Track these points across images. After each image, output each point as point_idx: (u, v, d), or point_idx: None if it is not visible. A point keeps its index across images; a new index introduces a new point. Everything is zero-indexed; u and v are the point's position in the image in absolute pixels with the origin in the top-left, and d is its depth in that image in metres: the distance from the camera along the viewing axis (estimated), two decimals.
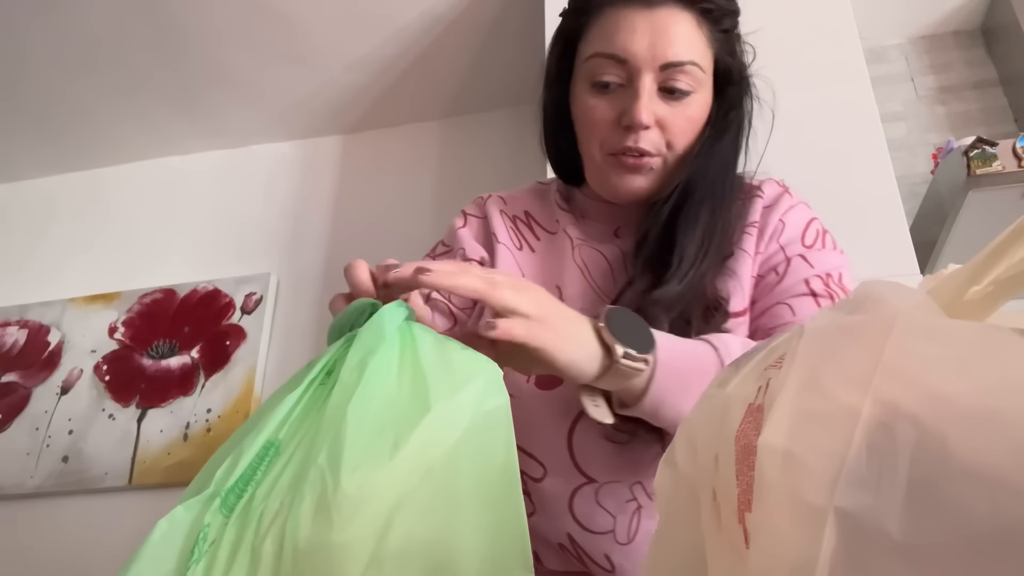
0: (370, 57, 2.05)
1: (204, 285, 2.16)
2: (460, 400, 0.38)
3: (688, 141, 0.71)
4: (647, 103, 0.67)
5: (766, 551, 0.23)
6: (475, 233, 0.80)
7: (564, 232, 0.77)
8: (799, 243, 0.71)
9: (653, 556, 0.35)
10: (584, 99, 0.71)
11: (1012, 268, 0.25)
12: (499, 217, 0.80)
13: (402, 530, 0.35)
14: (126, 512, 1.91)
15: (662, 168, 0.71)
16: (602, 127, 0.70)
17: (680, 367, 0.54)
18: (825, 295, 0.66)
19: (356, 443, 0.36)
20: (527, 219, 0.81)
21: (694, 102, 0.70)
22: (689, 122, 0.70)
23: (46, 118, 2.21)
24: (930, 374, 0.21)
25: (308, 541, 0.34)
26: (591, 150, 0.72)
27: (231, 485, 0.37)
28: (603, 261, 0.75)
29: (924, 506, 0.19)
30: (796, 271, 0.68)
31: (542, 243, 0.78)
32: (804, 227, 0.73)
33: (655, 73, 0.68)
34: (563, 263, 0.75)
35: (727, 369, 0.34)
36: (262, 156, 2.39)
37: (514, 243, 0.78)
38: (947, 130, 2.02)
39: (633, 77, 0.68)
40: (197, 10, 1.84)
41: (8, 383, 2.15)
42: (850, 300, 0.28)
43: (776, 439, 0.23)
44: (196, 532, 0.36)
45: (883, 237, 1.36)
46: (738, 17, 0.77)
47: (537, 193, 0.85)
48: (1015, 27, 1.96)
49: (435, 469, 0.36)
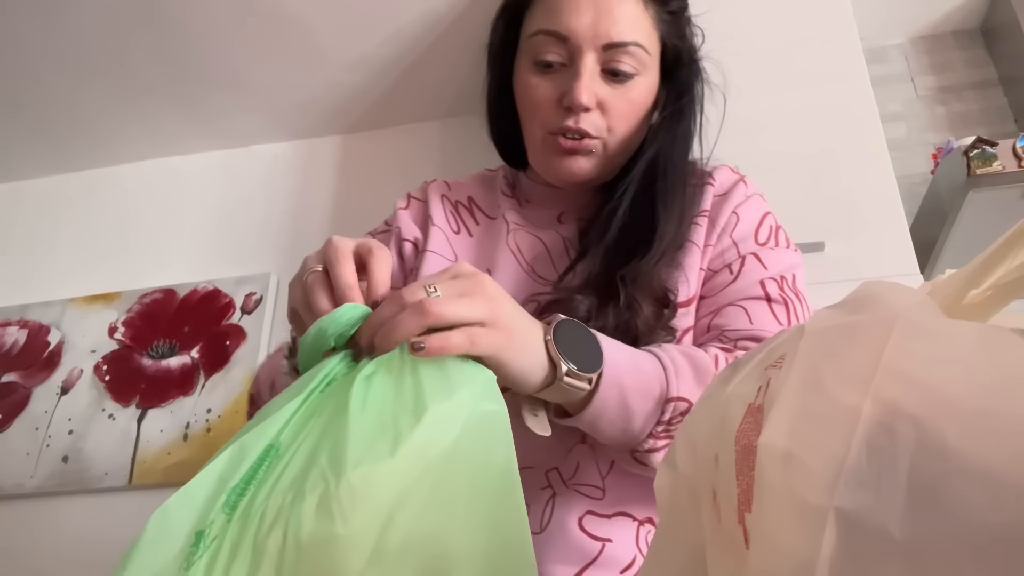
0: (370, 57, 2.05)
1: (204, 285, 2.16)
2: (456, 401, 0.39)
3: (630, 125, 0.70)
4: (588, 83, 0.66)
5: (766, 551, 0.23)
6: (414, 215, 0.80)
7: (503, 217, 0.77)
8: (752, 240, 0.69)
9: (653, 556, 0.35)
10: (526, 78, 0.70)
11: (1011, 273, 0.25)
12: (439, 201, 0.80)
13: (402, 526, 0.35)
14: (126, 512, 1.91)
15: (603, 151, 0.70)
16: (543, 107, 0.69)
17: (625, 385, 0.52)
18: (780, 300, 0.64)
19: (357, 441, 0.37)
20: (469, 204, 0.81)
21: (637, 85, 0.69)
22: (631, 105, 0.69)
23: (46, 118, 2.21)
24: (930, 374, 0.21)
25: (311, 535, 0.34)
26: (532, 130, 0.71)
27: (234, 485, 0.38)
28: (540, 246, 0.74)
29: (924, 506, 0.19)
30: (750, 271, 0.66)
31: (480, 228, 0.78)
32: (758, 222, 0.71)
33: (597, 53, 0.67)
34: (496, 247, 0.74)
35: (727, 369, 0.34)
36: (262, 156, 2.39)
37: (451, 227, 0.78)
38: (947, 130, 2.02)
39: (575, 56, 0.67)
40: (197, 10, 1.84)
41: (8, 383, 2.15)
42: (850, 300, 0.28)
43: (776, 439, 0.23)
44: (196, 529, 0.37)
45: (883, 237, 1.36)
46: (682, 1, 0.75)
47: (483, 180, 0.85)
48: (1015, 27, 1.96)
49: (433, 467, 0.37)
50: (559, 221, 0.76)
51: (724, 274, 0.67)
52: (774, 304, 0.64)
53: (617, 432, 0.54)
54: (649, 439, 0.54)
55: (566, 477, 0.61)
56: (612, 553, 0.59)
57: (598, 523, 0.60)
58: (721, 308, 0.65)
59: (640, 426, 0.53)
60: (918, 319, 0.23)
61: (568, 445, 0.62)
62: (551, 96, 0.68)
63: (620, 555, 0.59)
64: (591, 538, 0.59)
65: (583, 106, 0.66)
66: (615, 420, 0.53)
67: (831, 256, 1.35)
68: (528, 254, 0.73)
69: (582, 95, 0.66)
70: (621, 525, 0.60)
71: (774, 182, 1.45)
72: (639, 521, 0.61)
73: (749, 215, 0.71)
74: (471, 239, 0.77)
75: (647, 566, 0.35)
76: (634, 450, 0.55)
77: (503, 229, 0.76)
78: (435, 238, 0.76)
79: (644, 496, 0.61)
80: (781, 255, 0.69)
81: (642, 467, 0.56)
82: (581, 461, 0.61)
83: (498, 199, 0.80)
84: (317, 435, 0.39)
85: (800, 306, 0.66)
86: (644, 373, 0.54)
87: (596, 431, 0.54)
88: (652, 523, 0.61)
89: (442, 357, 0.43)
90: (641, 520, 0.61)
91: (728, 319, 0.64)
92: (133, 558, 0.36)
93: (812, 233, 1.36)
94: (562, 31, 0.67)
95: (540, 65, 0.69)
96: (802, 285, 0.68)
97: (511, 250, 0.73)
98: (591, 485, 0.61)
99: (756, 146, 1.48)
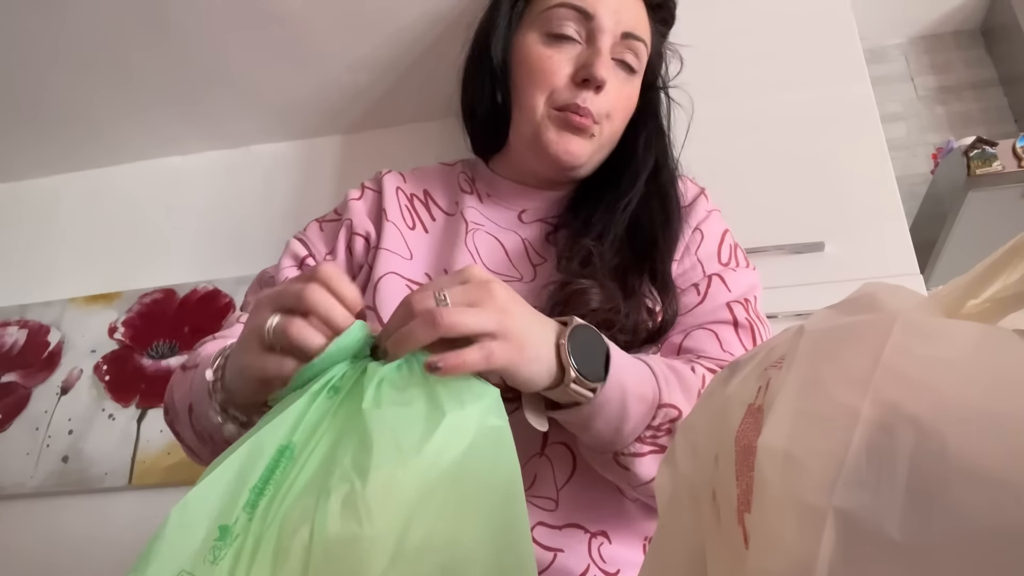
0: (370, 57, 2.05)
1: (204, 285, 2.16)
2: (468, 412, 0.41)
3: (623, 119, 0.70)
4: (608, 63, 0.66)
5: (765, 551, 0.23)
6: (367, 206, 0.77)
7: (461, 215, 0.75)
8: (716, 260, 0.70)
9: (653, 556, 0.35)
10: (536, 47, 0.69)
11: (1006, 289, 0.25)
12: (394, 194, 0.77)
13: (420, 528, 0.37)
14: (126, 512, 1.91)
15: (598, 139, 0.70)
16: (555, 79, 0.68)
17: (626, 386, 0.52)
18: (746, 324, 0.65)
19: (380, 443, 0.38)
20: (425, 198, 0.78)
21: (634, 82, 0.70)
22: (628, 101, 0.70)
23: (46, 118, 2.21)
24: (930, 375, 0.21)
25: (337, 535, 0.35)
26: (534, 104, 0.70)
27: (253, 485, 0.39)
28: (500, 250, 0.72)
29: (923, 506, 0.19)
30: (716, 293, 0.67)
31: (438, 224, 0.76)
32: (720, 241, 0.71)
33: (616, 39, 0.67)
34: (454, 247, 0.72)
35: (726, 369, 0.34)
36: (262, 156, 2.39)
37: (406, 222, 0.75)
38: (947, 130, 2.02)
39: (594, 36, 0.67)
40: (197, 10, 1.84)
41: (8, 383, 2.15)
42: (850, 301, 0.28)
43: (776, 440, 0.23)
44: (220, 523, 0.38)
45: (883, 237, 1.36)
46: (672, 25, 0.78)
47: (440, 172, 0.82)
48: (1015, 27, 1.96)
49: (448, 473, 0.38)
50: (520, 220, 0.74)
51: (691, 294, 0.67)
52: (740, 329, 0.65)
53: (609, 432, 0.53)
54: (636, 443, 0.54)
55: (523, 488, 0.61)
56: (564, 563, 0.58)
57: (549, 534, 0.59)
58: (690, 330, 0.66)
59: (631, 428, 0.53)
60: (917, 320, 0.23)
61: (525, 458, 0.61)
62: (565, 69, 0.68)
63: (572, 565, 0.58)
64: (542, 548, 0.58)
65: (603, 80, 0.66)
66: (611, 419, 0.53)
67: (831, 256, 1.35)
68: (487, 256, 0.71)
69: (604, 70, 0.65)
70: (572, 536, 0.60)
71: (774, 182, 1.45)
72: (591, 533, 0.60)
73: (712, 232, 0.71)
74: (427, 236, 0.74)
75: (647, 566, 0.35)
76: (618, 453, 0.55)
77: (462, 228, 0.73)
78: (389, 234, 0.72)
79: (597, 509, 0.61)
80: (743, 276, 0.69)
81: (622, 471, 0.56)
82: (539, 473, 0.61)
83: (456, 194, 0.78)
84: (334, 437, 0.40)
85: (763, 330, 0.67)
86: (641, 377, 0.54)
87: (587, 429, 0.54)
88: (605, 536, 0.61)
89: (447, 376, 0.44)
90: (594, 532, 0.60)
91: (699, 343, 0.65)
92: (156, 550, 0.37)
93: (812, 233, 1.36)
94: (589, 8, 0.67)
95: (554, 37, 0.68)
96: (761, 308, 0.69)
97: (469, 251, 0.71)
98: (545, 497, 0.60)
99: (756, 146, 1.48)
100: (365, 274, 0.71)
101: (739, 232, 0.76)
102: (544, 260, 0.71)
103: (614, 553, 0.60)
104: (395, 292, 0.67)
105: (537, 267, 0.71)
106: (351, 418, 0.40)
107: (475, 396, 0.42)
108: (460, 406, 0.41)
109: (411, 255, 0.72)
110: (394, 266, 0.69)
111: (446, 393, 0.42)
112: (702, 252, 0.69)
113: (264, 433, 0.41)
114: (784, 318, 1.28)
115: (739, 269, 0.70)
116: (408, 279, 0.69)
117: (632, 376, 0.53)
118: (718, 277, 0.68)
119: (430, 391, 0.42)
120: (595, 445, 0.56)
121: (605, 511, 0.61)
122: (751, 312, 0.67)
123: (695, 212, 0.72)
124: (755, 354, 0.32)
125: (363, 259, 0.72)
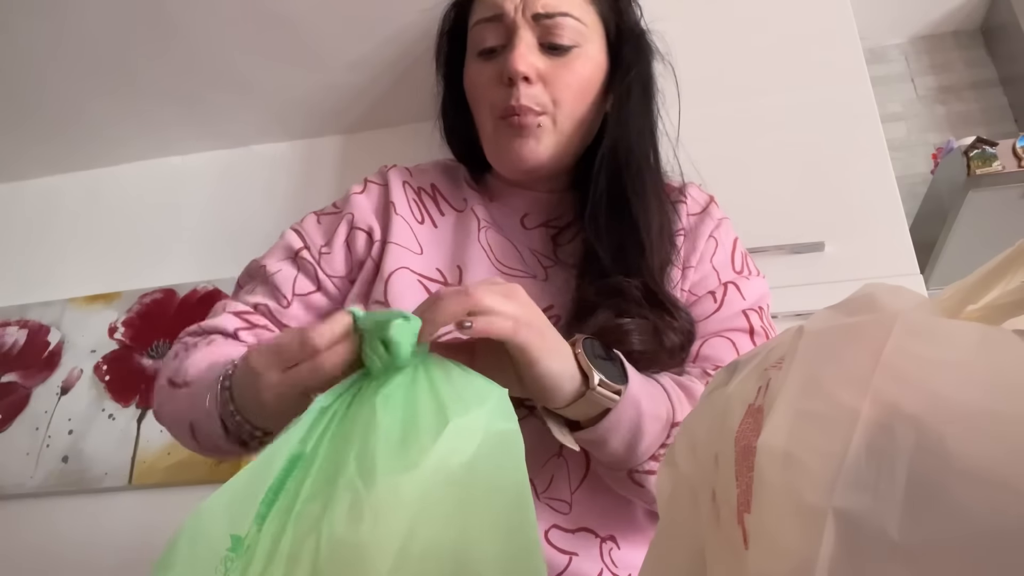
0: (370, 57, 2.04)
1: (204, 285, 2.16)
2: (474, 417, 0.41)
3: (576, 99, 0.68)
4: (524, 53, 0.66)
5: (765, 552, 0.23)
6: (372, 201, 0.75)
7: (472, 211, 0.74)
8: (730, 268, 0.70)
9: (653, 556, 0.35)
10: (471, 69, 0.71)
11: (1006, 296, 0.25)
12: (401, 187, 0.76)
13: (425, 534, 0.37)
14: (126, 512, 1.91)
15: (552, 128, 0.68)
16: (488, 89, 0.69)
17: (642, 404, 0.53)
18: (761, 332, 0.66)
19: (384, 452, 0.39)
20: (433, 192, 0.77)
21: (579, 56, 0.68)
22: (575, 77, 0.68)
23: (46, 118, 2.21)
24: (929, 375, 0.21)
25: (342, 540, 0.36)
26: (484, 122, 0.70)
27: (263, 497, 0.39)
28: (511, 248, 0.72)
29: (923, 507, 0.19)
30: (732, 301, 0.67)
31: (447, 219, 0.75)
32: (732, 249, 0.72)
33: (530, 26, 0.67)
34: (467, 242, 0.71)
35: (726, 369, 0.34)
36: (262, 156, 2.39)
37: (415, 216, 0.74)
38: (947, 130, 2.02)
39: (510, 33, 0.67)
40: (197, 10, 1.84)
41: (8, 383, 2.15)
42: (850, 301, 0.28)
43: (776, 440, 0.23)
44: (232, 532, 0.38)
45: (883, 237, 1.36)
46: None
47: (446, 169, 0.82)
48: (1015, 27, 1.96)
49: (454, 479, 0.39)
50: (523, 225, 0.74)
51: (708, 301, 0.68)
52: (756, 337, 0.66)
53: (623, 450, 0.54)
54: (651, 461, 0.55)
55: (540, 490, 0.60)
56: (579, 567, 0.58)
57: (563, 537, 0.59)
58: (708, 337, 0.66)
59: (646, 446, 0.54)
60: (917, 320, 0.23)
61: (543, 458, 0.61)
62: (494, 77, 0.68)
63: (587, 569, 0.59)
64: (558, 551, 0.59)
65: (520, 73, 0.65)
66: (626, 437, 0.53)
67: (831, 256, 1.35)
68: (500, 253, 0.71)
69: (518, 63, 0.65)
70: (584, 540, 0.60)
71: (774, 182, 1.45)
72: (601, 538, 0.61)
73: (725, 240, 0.72)
74: (436, 230, 0.73)
75: (647, 566, 0.36)
76: (633, 470, 0.55)
77: (474, 224, 0.72)
78: (398, 228, 0.71)
79: (607, 515, 0.62)
80: (755, 284, 0.70)
81: (637, 488, 0.56)
82: (555, 474, 0.61)
83: (463, 191, 0.77)
84: (342, 445, 0.41)
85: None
86: (655, 396, 0.55)
87: (602, 447, 0.54)
88: (615, 540, 0.61)
89: (454, 374, 0.44)
90: (603, 537, 0.61)
91: (716, 351, 0.65)
92: (174, 561, 0.37)
93: (812, 233, 1.36)
94: (491, 11, 0.68)
95: (484, 53, 0.69)
96: (770, 315, 0.71)
97: (483, 247, 0.71)
98: (560, 500, 0.60)
99: (756, 146, 1.48)
100: (370, 270, 0.70)
101: (739, 232, 0.76)
102: (553, 263, 0.71)
103: (624, 558, 0.61)
104: (407, 287, 0.66)
105: (548, 269, 0.71)
106: (359, 427, 0.41)
107: (481, 399, 0.43)
108: (465, 410, 0.41)
109: (421, 249, 0.71)
110: (405, 261, 0.68)
111: (451, 398, 0.42)
112: (717, 260, 0.70)
113: (278, 443, 0.41)
114: (784, 318, 1.28)
115: (751, 278, 0.70)
116: (420, 274, 0.68)
117: (647, 395, 0.54)
118: (733, 285, 0.68)
119: (436, 396, 0.42)
120: (610, 463, 0.56)
121: (615, 516, 0.62)
122: (765, 320, 0.68)
123: (708, 219, 0.72)
124: (755, 354, 0.32)
125: (363, 255, 0.71)
